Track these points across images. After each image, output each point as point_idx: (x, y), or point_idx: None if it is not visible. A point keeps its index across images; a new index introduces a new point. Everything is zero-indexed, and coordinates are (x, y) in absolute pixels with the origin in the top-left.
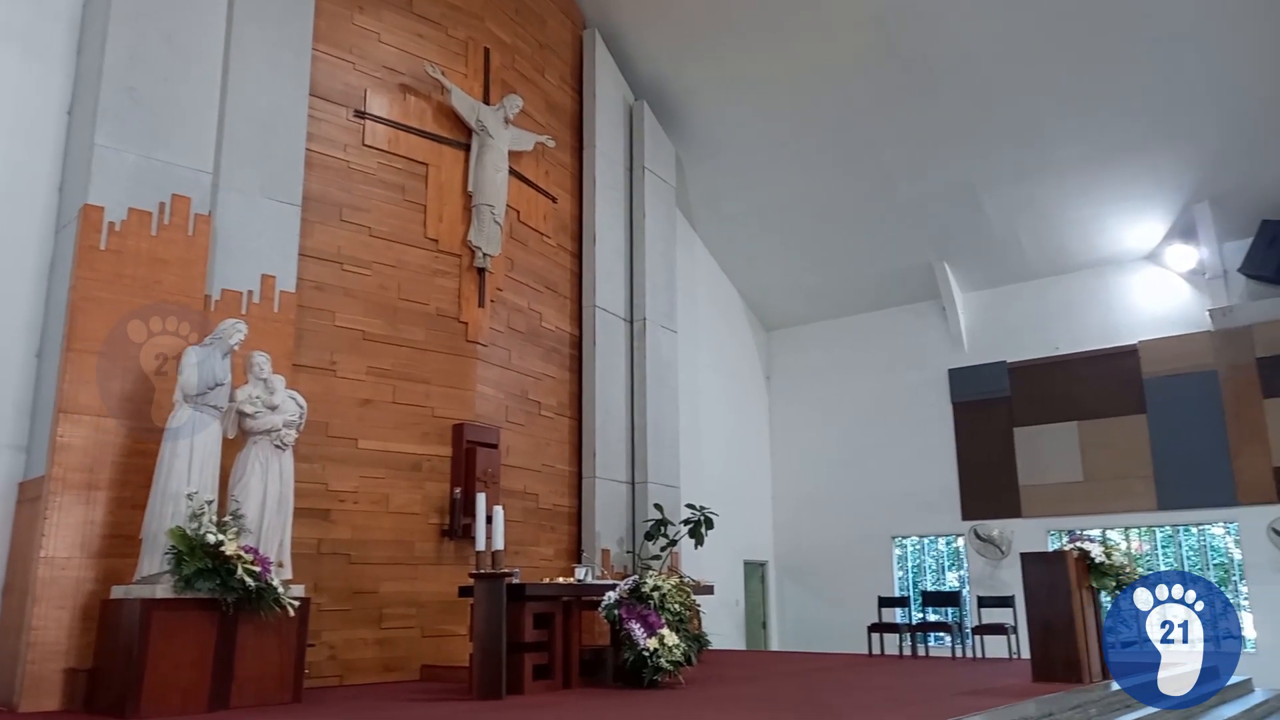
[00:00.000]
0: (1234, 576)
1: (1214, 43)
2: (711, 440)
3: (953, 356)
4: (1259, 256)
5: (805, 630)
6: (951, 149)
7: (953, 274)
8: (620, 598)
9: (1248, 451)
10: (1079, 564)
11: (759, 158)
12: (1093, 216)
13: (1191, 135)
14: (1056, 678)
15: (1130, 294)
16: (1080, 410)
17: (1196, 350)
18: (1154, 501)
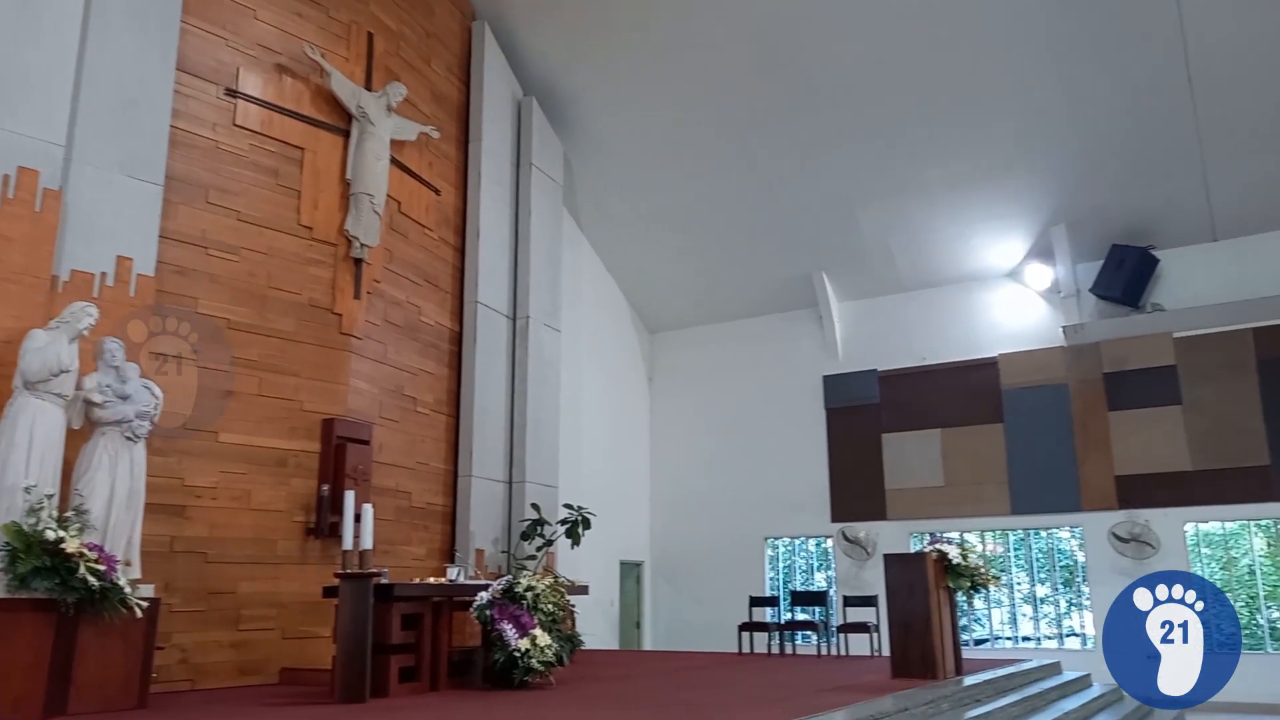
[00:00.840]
0: (1078, 578)
1: (1073, 79)
2: (592, 441)
3: (827, 364)
4: (1108, 278)
5: (679, 630)
6: (832, 164)
7: (830, 284)
8: (493, 598)
9: (1092, 461)
10: (937, 565)
11: (647, 162)
12: (960, 235)
13: (1050, 163)
14: (913, 674)
15: (992, 309)
16: (943, 418)
17: (1050, 364)
18: (1007, 506)
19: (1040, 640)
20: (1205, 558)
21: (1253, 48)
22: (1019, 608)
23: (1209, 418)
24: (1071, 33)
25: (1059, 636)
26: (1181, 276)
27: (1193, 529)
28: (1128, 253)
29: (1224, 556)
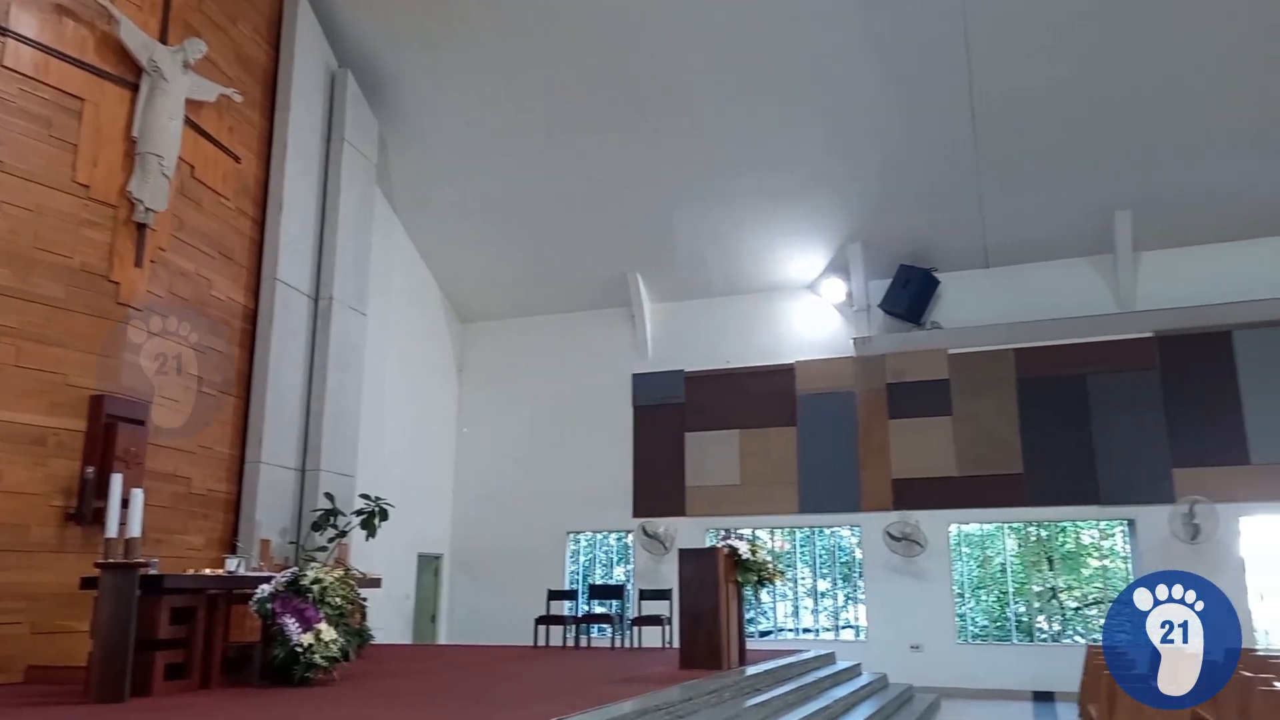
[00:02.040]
0: (855, 573)
1: (874, 110)
2: (396, 430)
3: (637, 362)
4: (895, 295)
5: (477, 624)
6: (654, 168)
7: (644, 285)
8: (275, 591)
9: (873, 465)
10: (728, 560)
11: (470, 149)
12: (767, 245)
13: (851, 185)
14: (700, 665)
15: (792, 318)
16: (742, 420)
17: (841, 373)
18: (796, 505)
19: (819, 632)
20: (965, 556)
21: (1030, 96)
22: (802, 601)
23: (974, 429)
24: (876, 68)
25: (836, 628)
26: (958, 298)
27: (956, 530)
28: (913, 273)
29: (981, 555)
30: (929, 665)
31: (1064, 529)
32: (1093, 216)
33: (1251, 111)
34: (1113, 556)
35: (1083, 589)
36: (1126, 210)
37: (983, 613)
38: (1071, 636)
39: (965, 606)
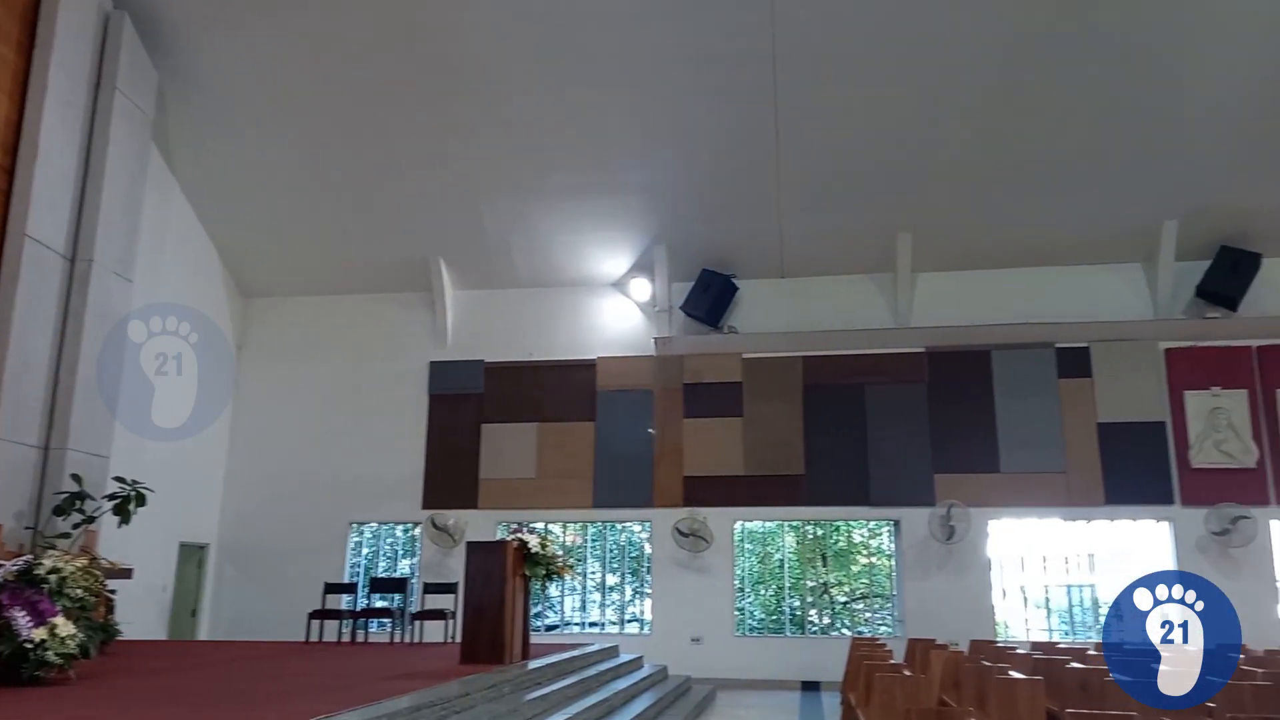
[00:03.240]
0: (644, 569)
1: (683, 116)
2: None
3: (435, 350)
4: (696, 299)
5: (246, 620)
6: (462, 152)
7: (447, 271)
8: (3, 581)
9: (666, 462)
10: (517, 553)
11: (263, 111)
12: (575, 241)
13: (657, 187)
14: (481, 659)
15: (597, 314)
16: (541, 413)
17: (641, 371)
18: (590, 500)
19: (605, 626)
20: (747, 552)
21: (831, 119)
22: (591, 595)
23: (762, 431)
24: (687, 77)
25: (621, 622)
26: (754, 305)
27: (740, 526)
28: (714, 278)
29: (761, 551)
30: (708, 657)
31: (837, 528)
32: (878, 237)
33: (1020, 154)
34: (879, 554)
35: (851, 584)
36: (908, 233)
37: (760, 606)
38: (840, 629)
39: (745, 601)
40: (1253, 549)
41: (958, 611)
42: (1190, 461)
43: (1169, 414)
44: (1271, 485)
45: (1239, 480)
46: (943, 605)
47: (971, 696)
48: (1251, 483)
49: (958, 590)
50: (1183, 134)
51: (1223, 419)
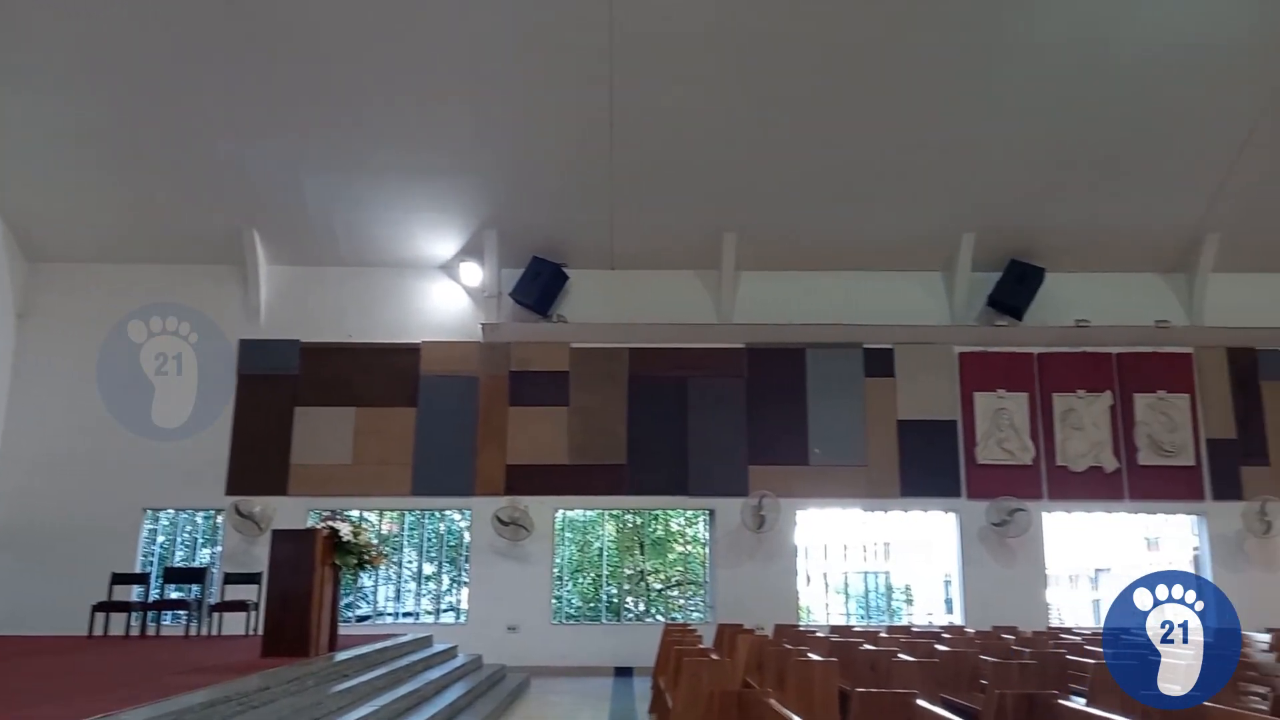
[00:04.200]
0: (462, 557)
1: (519, 103)
2: None
3: (247, 327)
4: (526, 286)
5: (25, 612)
6: (281, 119)
7: (262, 243)
8: None
9: (489, 450)
10: (327, 541)
11: (57, 55)
12: (403, 221)
13: (490, 172)
14: (285, 652)
15: (423, 297)
16: (360, 397)
17: (467, 357)
18: (409, 487)
19: (420, 615)
20: (568, 540)
21: (665, 116)
22: (406, 585)
23: (587, 420)
24: (524, 63)
25: (437, 612)
26: (583, 295)
27: (561, 515)
28: (544, 266)
29: (581, 540)
30: (524, 645)
31: (656, 516)
32: (705, 235)
33: (837, 162)
34: (695, 543)
35: (667, 572)
36: (733, 232)
37: (579, 594)
38: (655, 616)
39: (563, 589)
40: (1027, 539)
41: (765, 597)
42: (976, 458)
43: (960, 413)
44: (1045, 481)
45: (1017, 476)
46: (752, 591)
47: (773, 678)
48: (1028, 478)
49: (766, 577)
50: (981, 154)
51: (1006, 419)
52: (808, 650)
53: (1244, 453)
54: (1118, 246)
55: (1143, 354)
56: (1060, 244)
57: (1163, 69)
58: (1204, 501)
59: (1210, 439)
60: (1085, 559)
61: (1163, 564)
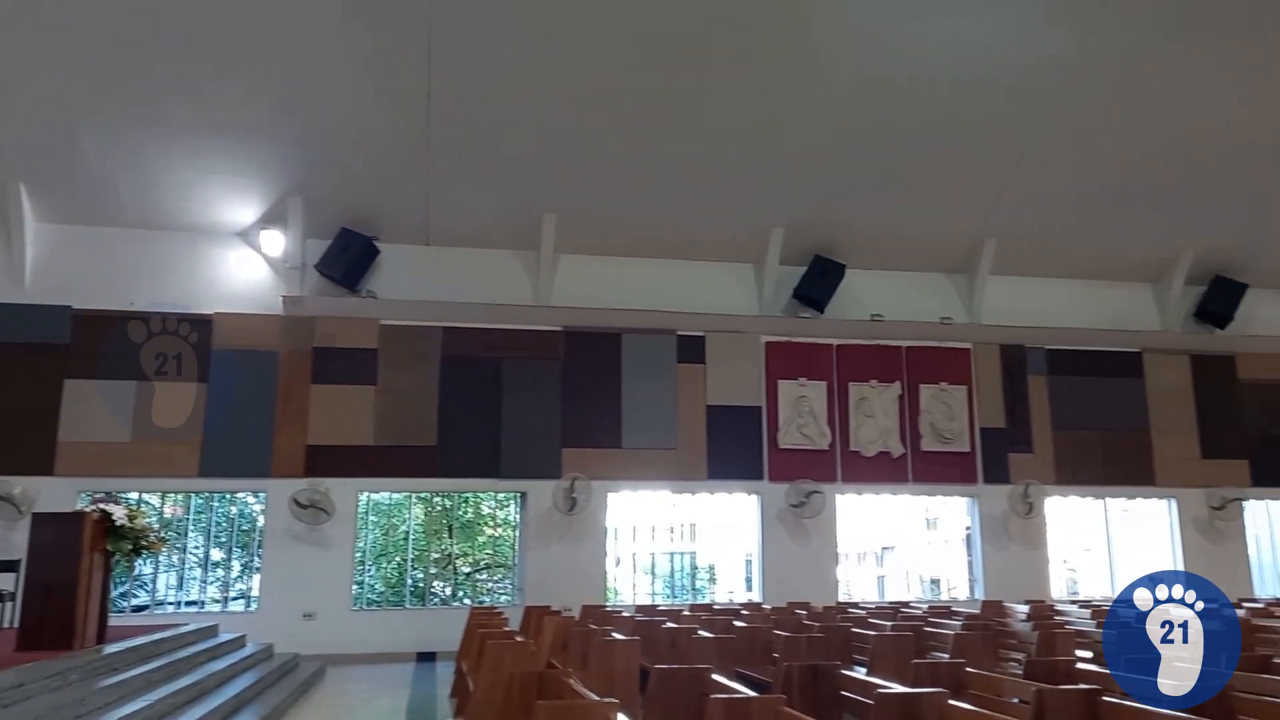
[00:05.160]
0: (255, 542)
1: (334, 67)
2: None
3: (9, 290)
4: (334, 258)
5: None
6: (55, 66)
7: (29, 199)
8: None
9: (289, 429)
10: (97, 525)
11: None
12: (195, 183)
13: (297, 136)
14: (46, 645)
15: (217, 265)
16: (142, 370)
17: (265, 331)
18: (196, 468)
19: (206, 604)
20: (371, 524)
21: (488, 91)
22: (191, 572)
23: (396, 401)
24: (341, 24)
25: (225, 600)
26: (395, 270)
27: (365, 498)
28: (354, 238)
29: (387, 523)
30: (321, 633)
31: (466, 499)
32: (525, 215)
33: (656, 151)
34: (505, 525)
35: (476, 555)
36: (553, 214)
37: (382, 579)
38: (462, 600)
39: (365, 574)
40: (821, 520)
41: (575, 579)
42: (778, 442)
43: (764, 400)
44: (839, 464)
45: (814, 460)
46: (561, 574)
47: (577, 658)
48: (824, 462)
49: (576, 559)
50: (790, 154)
51: (806, 406)
52: (612, 630)
53: (1011, 440)
54: (909, 247)
55: (928, 348)
56: (859, 243)
57: (952, 87)
58: (977, 485)
59: (984, 428)
60: (872, 538)
61: (940, 542)
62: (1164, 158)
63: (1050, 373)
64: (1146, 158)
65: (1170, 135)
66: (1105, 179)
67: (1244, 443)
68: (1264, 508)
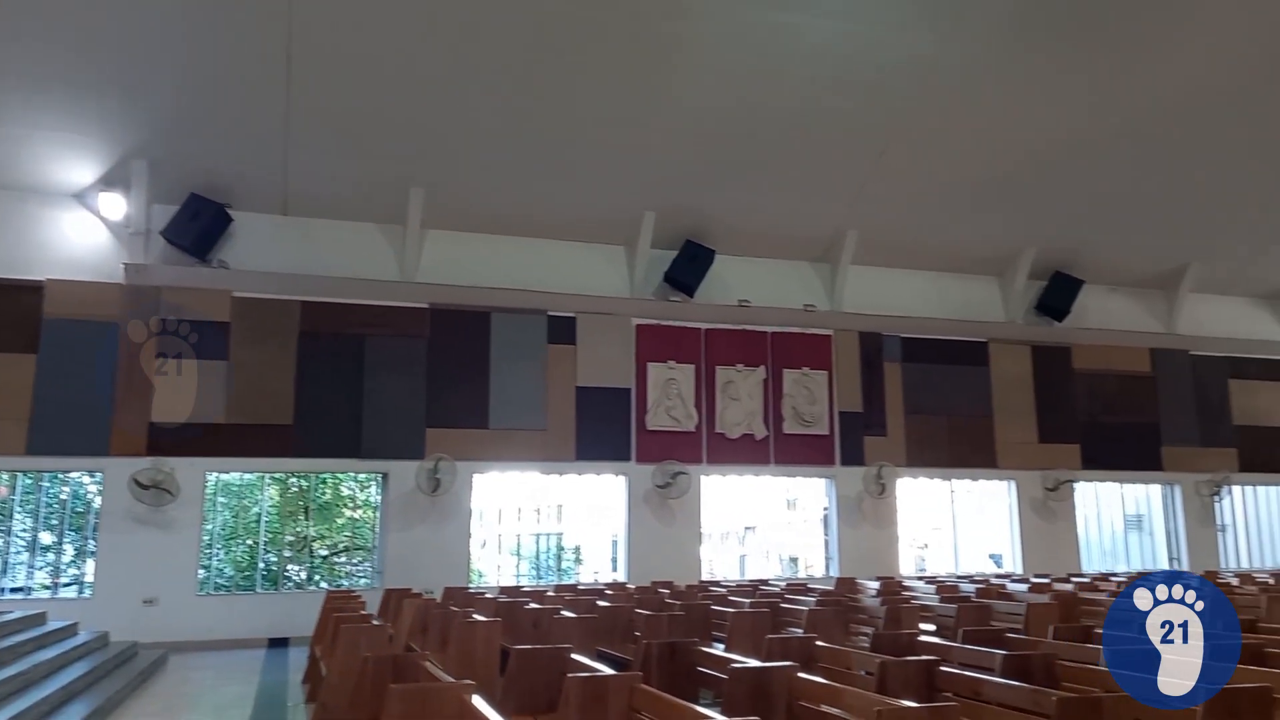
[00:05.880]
0: (90, 525)
1: (184, 19)
2: None
3: None
4: (182, 226)
5: None
6: None
7: None
8: None
9: (130, 406)
10: None
11: None
12: (26, 138)
13: (144, 93)
14: None
15: (49, 228)
16: None
17: (105, 300)
18: (23, 446)
19: (33, 590)
20: (221, 506)
21: (354, 59)
22: (17, 556)
23: (249, 377)
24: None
25: (56, 586)
26: (250, 240)
27: (214, 478)
28: (205, 205)
29: (238, 505)
30: (164, 620)
31: (324, 480)
32: (392, 188)
33: (533, 130)
34: (365, 507)
35: (334, 538)
36: (421, 188)
37: (231, 563)
38: (318, 584)
39: (213, 558)
40: (686, 500)
41: (438, 561)
42: (646, 424)
43: (634, 381)
44: (705, 446)
45: (681, 441)
46: (424, 556)
47: (436, 641)
48: (690, 444)
49: (439, 541)
50: (663, 137)
51: (674, 389)
52: (474, 612)
53: (867, 424)
54: (776, 235)
55: (792, 334)
56: (729, 229)
57: (819, 82)
58: (834, 466)
59: (842, 412)
60: (735, 518)
61: (799, 522)
62: (1011, 158)
63: (904, 360)
64: (996, 157)
65: (1017, 137)
66: (958, 177)
67: (1076, 428)
68: (1092, 489)
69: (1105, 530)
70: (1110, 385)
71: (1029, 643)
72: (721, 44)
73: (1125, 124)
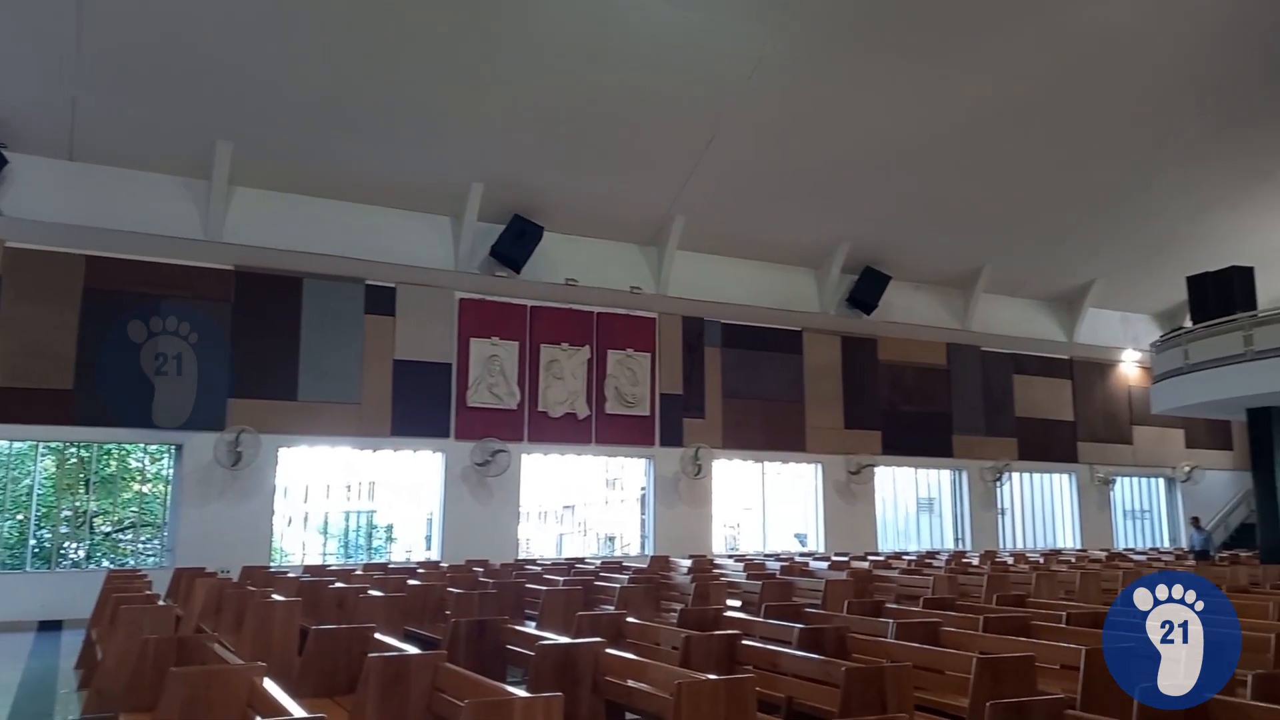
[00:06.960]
0: None
1: None
2: None
3: None
4: None
5: None
6: None
7: None
8: None
9: None
10: None
11: None
12: None
13: None
14: None
15: None
16: None
17: None
18: None
19: None
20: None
21: (149, 11)
22: None
23: (23, 336)
24: None
25: None
26: (29, 186)
27: None
28: None
29: (6, 476)
30: None
31: (110, 451)
32: (196, 139)
33: (362, 91)
34: (156, 480)
35: (119, 514)
36: (229, 141)
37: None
38: (99, 562)
39: None
40: (505, 478)
41: (236, 539)
42: (467, 401)
43: (455, 357)
44: (526, 424)
45: (502, 419)
46: (221, 533)
47: (231, 622)
48: (511, 421)
49: (239, 517)
50: (497, 108)
51: (497, 365)
52: (273, 591)
53: (686, 406)
54: (606, 216)
55: (617, 315)
56: (558, 207)
57: (654, 67)
58: (654, 447)
59: (663, 393)
60: (555, 496)
61: (617, 501)
62: (832, 155)
63: (724, 345)
64: (818, 153)
65: (838, 135)
66: (782, 169)
67: (878, 416)
68: (890, 473)
69: (900, 512)
70: (910, 377)
71: (825, 617)
72: (557, 20)
73: (934, 130)
